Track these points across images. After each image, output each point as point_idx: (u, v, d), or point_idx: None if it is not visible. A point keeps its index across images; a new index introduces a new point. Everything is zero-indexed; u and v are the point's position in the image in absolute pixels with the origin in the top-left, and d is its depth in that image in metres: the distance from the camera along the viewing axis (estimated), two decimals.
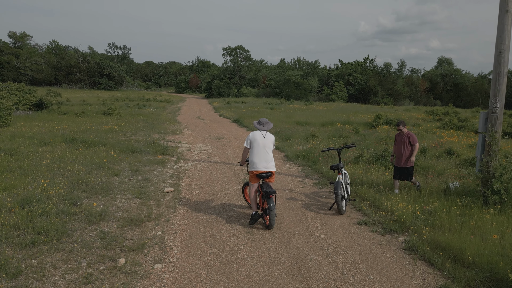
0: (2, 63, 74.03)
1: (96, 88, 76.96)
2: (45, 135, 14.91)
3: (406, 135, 8.04)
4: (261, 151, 6.48)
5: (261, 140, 6.53)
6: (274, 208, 6.27)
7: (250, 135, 6.62)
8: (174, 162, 11.64)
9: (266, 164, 6.46)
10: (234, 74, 64.12)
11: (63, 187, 7.92)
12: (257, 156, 6.46)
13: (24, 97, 25.74)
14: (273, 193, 6.24)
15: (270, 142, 6.64)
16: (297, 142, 14.55)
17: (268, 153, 6.54)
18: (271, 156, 6.57)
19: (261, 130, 6.65)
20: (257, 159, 6.45)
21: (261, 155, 6.46)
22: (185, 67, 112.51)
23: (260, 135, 6.58)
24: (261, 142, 6.52)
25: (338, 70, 61.33)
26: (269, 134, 6.70)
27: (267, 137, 6.61)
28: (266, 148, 6.52)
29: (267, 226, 6.39)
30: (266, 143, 6.56)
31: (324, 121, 22.07)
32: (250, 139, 6.57)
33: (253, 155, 6.50)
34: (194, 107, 37.87)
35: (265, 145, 6.53)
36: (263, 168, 6.44)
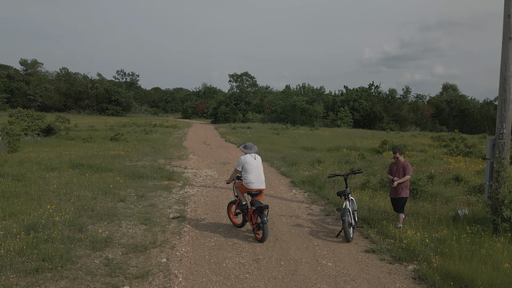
0: (13, 90, 75.66)
1: (104, 114, 78.01)
2: (53, 160, 15.03)
3: (401, 164, 7.61)
4: (255, 171, 7.19)
5: (253, 161, 7.26)
6: (267, 221, 6.79)
7: (242, 158, 7.25)
8: (180, 188, 11.62)
9: (260, 183, 7.22)
10: (240, 100, 64.82)
11: (68, 213, 7.91)
12: (253, 176, 7.15)
13: (33, 123, 26.13)
14: (266, 208, 6.82)
15: (260, 162, 7.44)
16: (303, 167, 14.52)
17: (261, 173, 7.30)
18: (263, 176, 7.35)
19: (250, 153, 7.36)
20: (254, 179, 7.14)
21: (256, 175, 7.19)
22: (192, 93, 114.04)
23: (251, 157, 7.30)
24: (254, 164, 7.23)
25: (343, 96, 61.80)
26: (258, 156, 7.49)
27: (257, 158, 7.38)
28: (258, 169, 7.26)
29: (259, 240, 6.89)
30: (258, 164, 7.30)
31: (330, 147, 22.05)
32: (243, 162, 7.22)
33: (249, 175, 7.14)
34: (200, 133, 38.12)
35: (258, 166, 7.26)
36: (257, 187, 7.18)
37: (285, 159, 16.86)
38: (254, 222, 7.09)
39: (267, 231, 6.76)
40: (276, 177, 13.61)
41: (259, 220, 6.90)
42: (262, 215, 6.77)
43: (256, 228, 7.01)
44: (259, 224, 6.89)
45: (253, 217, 7.13)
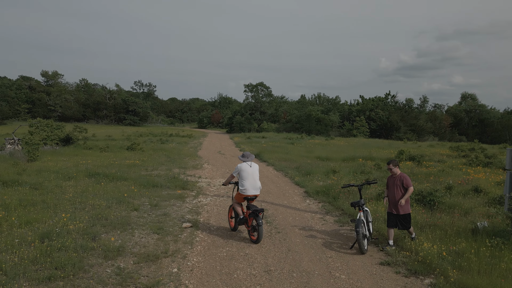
0: (34, 100, 77.76)
1: (122, 123, 79.29)
2: (70, 169, 15.28)
3: (398, 177, 7.15)
4: (250, 178, 7.60)
5: (249, 169, 7.66)
6: (262, 224, 7.20)
7: (239, 166, 7.70)
8: (193, 197, 11.64)
9: (255, 189, 7.62)
10: (255, 109, 65.03)
11: (83, 222, 7.99)
12: (248, 183, 7.56)
13: (52, 133, 26.72)
14: (261, 211, 7.25)
15: (256, 170, 7.80)
16: (318, 177, 14.38)
17: (256, 180, 7.69)
18: (258, 183, 7.72)
19: (246, 161, 7.77)
20: (248, 186, 7.55)
21: (251, 182, 7.59)
22: (208, 103, 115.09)
23: (247, 165, 7.70)
24: (250, 171, 7.63)
25: (359, 106, 61.35)
26: (254, 164, 7.84)
27: (253, 166, 7.76)
28: (254, 176, 7.66)
29: (254, 241, 7.32)
30: (254, 171, 7.69)
31: (345, 157, 21.82)
32: (239, 170, 7.68)
33: (244, 182, 7.57)
34: (215, 142, 38.30)
35: (253, 173, 7.66)
36: (253, 193, 7.59)
37: (299, 169, 16.75)
38: (249, 224, 7.52)
39: (261, 233, 7.18)
40: (290, 187, 13.51)
41: (255, 222, 7.31)
42: (257, 218, 7.18)
43: (251, 230, 7.46)
44: (255, 227, 7.32)
45: (249, 220, 7.56)
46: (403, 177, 7.11)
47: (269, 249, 7.07)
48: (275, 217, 9.33)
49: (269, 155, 22.77)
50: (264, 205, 10.58)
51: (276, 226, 8.56)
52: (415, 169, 16.25)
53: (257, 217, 7.19)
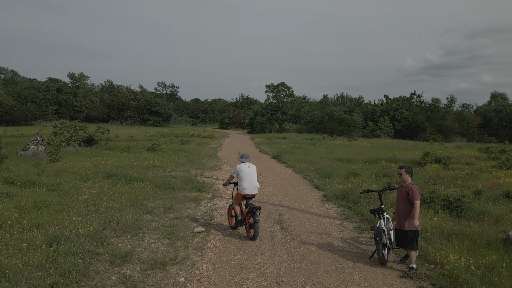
0: (61, 102, 79.92)
1: (145, 124, 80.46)
2: (88, 170, 15.35)
3: (406, 187, 6.24)
4: (249, 179, 7.90)
5: (247, 170, 7.97)
6: (259, 221, 7.57)
7: (237, 167, 8.02)
8: (209, 200, 11.40)
9: (253, 189, 7.91)
10: (277, 110, 64.62)
11: (93, 225, 7.85)
12: (247, 183, 7.86)
13: (75, 133, 27.16)
14: (258, 209, 7.55)
15: (254, 170, 8.11)
16: (338, 180, 13.89)
17: (254, 180, 7.97)
18: (256, 183, 8.01)
19: (245, 162, 8.08)
20: (247, 186, 7.85)
21: (250, 182, 7.88)
22: (230, 104, 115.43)
23: (245, 166, 8.02)
24: (248, 172, 7.94)
25: (383, 106, 59.96)
26: (252, 165, 8.17)
27: (251, 167, 8.09)
28: (252, 176, 7.96)
29: (251, 238, 7.65)
30: (252, 172, 7.99)
31: (368, 158, 21.16)
32: (238, 171, 7.98)
33: (243, 182, 7.87)
34: (235, 143, 38.15)
35: (251, 174, 7.97)
36: (251, 192, 7.88)
37: (319, 171, 16.28)
38: (247, 222, 7.79)
39: (258, 230, 7.52)
40: (309, 190, 13.08)
41: (252, 220, 7.63)
42: (254, 215, 7.47)
43: (249, 227, 7.77)
44: (252, 224, 7.63)
45: (247, 217, 7.82)
46: (410, 189, 6.13)
47: (283, 258, 6.71)
48: (291, 222, 8.95)
49: (289, 156, 22.36)
50: (281, 209, 10.22)
51: (291, 232, 8.19)
52: (441, 172, 15.50)
53: (254, 215, 7.48)
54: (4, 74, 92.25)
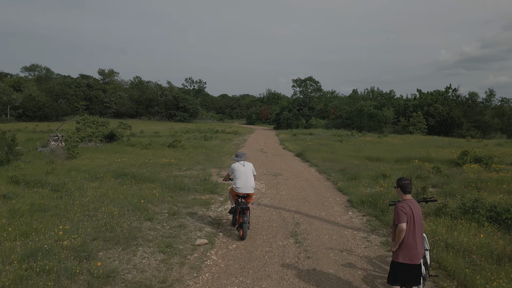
0: (91, 98, 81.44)
1: (172, 120, 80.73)
2: (101, 169, 14.73)
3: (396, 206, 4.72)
4: (243, 178, 7.80)
5: (242, 169, 7.88)
6: (247, 222, 7.46)
7: (232, 166, 8.01)
8: (220, 204, 10.39)
9: (247, 188, 7.78)
10: (304, 105, 63.00)
11: (83, 235, 7.00)
12: (240, 182, 7.78)
13: (97, 129, 26.90)
14: (247, 209, 7.42)
15: (250, 169, 8.00)
16: (364, 183, 12.55)
17: (249, 179, 7.84)
18: (251, 181, 7.87)
19: (239, 161, 7.99)
20: (240, 185, 7.77)
21: (243, 181, 7.78)
22: (257, 99, 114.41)
23: (240, 165, 7.94)
24: (242, 171, 7.84)
25: (416, 100, 57.13)
26: (247, 163, 8.04)
27: (246, 165, 7.96)
28: (247, 175, 7.84)
29: (240, 237, 7.48)
30: (246, 170, 7.88)
31: (399, 157, 19.56)
32: (233, 169, 7.98)
33: (237, 181, 7.81)
34: (260, 139, 37.09)
35: (246, 173, 7.84)
36: (244, 191, 7.76)
37: (344, 172, 14.95)
38: (238, 221, 7.74)
39: (245, 231, 7.38)
40: (332, 193, 11.83)
41: (241, 220, 7.50)
42: (243, 215, 7.38)
43: (239, 226, 7.67)
44: (241, 224, 7.49)
45: (239, 217, 7.72)
46: (395, 209, 4.71)
47: (293, 284, 5.58)
48: (307, 234, 7.78)
49: (313, 154, 21.06)
50: (297, 217, 9.06)
51: (306, 248, 7.03)
52: (483, 174, 13.82)
53: (243, 214, 7.38)
54: (38, 71, 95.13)
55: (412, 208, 4.65)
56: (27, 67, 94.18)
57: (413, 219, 4.62)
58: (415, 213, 4.64)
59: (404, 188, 4.76)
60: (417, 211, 4.69)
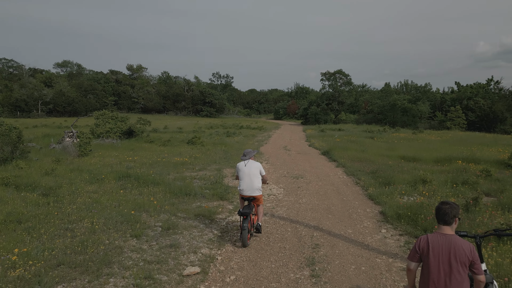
0: (119, 93, 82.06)
1: (198, 115, 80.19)
2: (106, 168, 13.58)
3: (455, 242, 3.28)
4: (245, 179, 7.05)
5: (244, 169, 7.09)
6: (247, 228, 6.63)
7: (237, 165, 7.24)
8: (228, 213, 8.87)
9: (250, 191, 7.01)
10: (333, 99, 60.50)
11: (44, 260, 5.64)
12: (243, 183, 7.07)
13: (115, 125, 26.04)
14: (246, 215, 6.64)
15: (255, 168, 7.11)
16: (400, 189, 10.66)
17: (253, 181, 7.01)
18: (255, 183, 7.02)
19: (244, 160, 7.18)
20: (243, 186, 7.06)
21: (247, 183, 7.04)
22: (284, 94, 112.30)
23: (242, 164, 7.14)
24: (246, 171, 7.06)
25: (455, 94, 53.50)
26: (252, 162, 7.16)
27: (249, 165, 7.11)
28: (250, 175, 7.03)
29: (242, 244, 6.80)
30: (250, 171, 7.05)
31: (439, 157, 17.38)
32: (237, 169, 7.21)
33: (240, 182, 7.12)
34: (285, 135, 35.34)
35: (250, 173, 7.04)
36: (247, 194, 7.03)
37: (376, 175, 13.06)
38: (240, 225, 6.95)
39: (243, 238, 6.69)
40: (361, 202, 10.03)
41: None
42: (243, 220, 6.74)
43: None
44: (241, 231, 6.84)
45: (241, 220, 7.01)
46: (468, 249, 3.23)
47: None
48: (328, 263, 6.08)
49: (341, 152, 19.17)
50: (318, 235, 7.37)
51: (325, 285, 5.34)
52: None
53: (243, 220, 6.73)
54: (69, 67, 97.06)
55: (434, 246, 3.29)
56: (59, 64, 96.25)
57: (438, 262, 3.27)
58: (442, 253, 3.26)
59: (437, 215, 3.38)
60: (446, 250, 3.24)
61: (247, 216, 6.68)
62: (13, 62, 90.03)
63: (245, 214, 6.65)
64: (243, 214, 6.66)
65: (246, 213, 6.66)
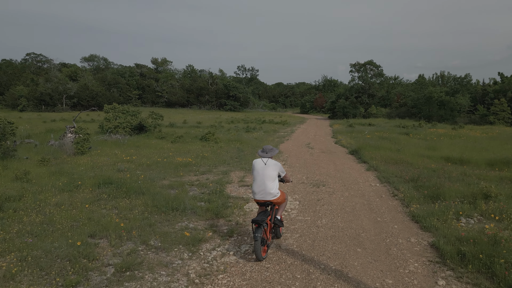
0: (144, 87, 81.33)
1: (222, 109, 78.34)
2: (92, 171, 11.57)
3: None
4: (259, 180, 6.01)
5: (261, 168, 6.02)
6: (259, 238, 5.55)
7: (253, 162, 6.21)
8: (219, 242, 6.52)
9: (261, 195, 6.00)
10: (363, 92, 56.96)
11: None
12: (255, 185, 6.06)
13: (125, 120, 24.25)
14: (258, 223, 5.67)
15: (272, 170, 6.01)
16: (455, 207, 7.97)
17: (266, 184, 5.94)
18: (270, 186, 5.94)
19: (263, 157, 6.12)
20: (255, 189, 6.04)
21: (259, 184, 6.00)
22: (312, 87, 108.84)
23: (261, 162, 6.08)
24: (261, 171, 6.00)
25: (498, 86, 48.87)
26: (272, 161, 6.08)
27: (268, 164, 6.03)
28: (265, 177, 5.96)
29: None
30: (265, 172, 5.97)
31: (492, 159, 14.40)
32: (252, 168, 6.16)
33: (253, 183, 6.11)
34: (310, 131, 32.66)
35: (264, 174, 5.97)
36: (261, 198, 6.02)
37: (418, 183, 10.37)
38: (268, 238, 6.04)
39: (256, 248, 5.60)
40: (402, 225, 7.43)
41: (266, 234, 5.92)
42: (255, 229, 5.66)
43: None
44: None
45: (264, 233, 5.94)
46: None
47: None
48: None
49: (372, 152, 16.44)
50: (340, 286, 4.91)
51: None
52: None
53: (256, 230, 5.62)
54: (96, 61, 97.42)
55: None
56: (86, 58, 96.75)
57: None
58: None
59: None
60: None
61: (260, 225, 5.68)
62: (42, 57, 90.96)
63: (256, 222, 5.69)
64: (255, 222, 5.71)
65: (258, 221, 5.68)
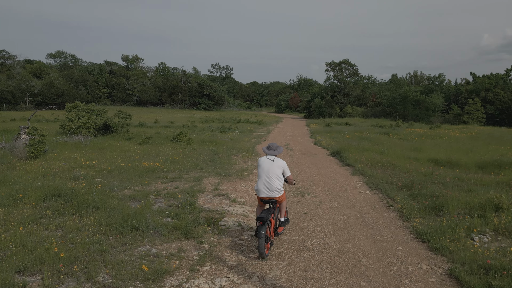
0: (113, 85, 78.25)
1: (196, 108, 76.42)
2: (42, 179, 9.90)
3: None
4: (264, 177, 6.09)
5: (267, 166, 6.08)
6: (264, 235, 5.60)
7: (258, 160, 6.32)
8: (189, 273, 5.17)
9: (267, 192, 6.07)
10: (338, 91, 56.56)
11: None
12: (260, 182, 6.13)
13: (89, 119, 22.34)
14: (263, 220, 5.68)
15: (278, 167, 6.08)
16: (464, 220, 6.92)
17: (271, 180, 6.04)
18: (276, 184, 6.04)
19: (270, 155, 6.17)
20: (260, 186, 6.12)
21: (264, 182, 6.08)
22: (287, 86, 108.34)
23: (267, 160, 6.14)
24: (267, 168, 6.06)
25: (471, 85, 49.46)
26: (278, 159, 6.14)
27: (276, 161, 6.10)
28: (270, 174, 6.04)
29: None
30: (272, 169, 6.04)
31: (481, 161, 13.67)
32: (258, 165, 6.26)
33: (258, 180, 6.17)
34: (286, 130, 31.58)
35: (269, 172, 6.04)
36: (263, 195, 6.10)
37: (413, 191, 9.31)
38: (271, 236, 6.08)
39: (260, 248, 5.61)
40: (407, 246, 6.27)
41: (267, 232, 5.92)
42: (259, 226, 5.65)
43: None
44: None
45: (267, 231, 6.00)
46: None
47: None
48: None
49: (356, 154, 15.42)
50: None
51: None
52: None
53: (260, 227, 5.60)
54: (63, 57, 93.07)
55: None
56: (52, 54, 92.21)
57: None
58: None
59: None
60: None
61: (264, 222, 5.64)
62: (4, 53, 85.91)
63: (261, 220, 5.67)
64: (260, 220, 5.68)
65: (263, 219, 5.66)
